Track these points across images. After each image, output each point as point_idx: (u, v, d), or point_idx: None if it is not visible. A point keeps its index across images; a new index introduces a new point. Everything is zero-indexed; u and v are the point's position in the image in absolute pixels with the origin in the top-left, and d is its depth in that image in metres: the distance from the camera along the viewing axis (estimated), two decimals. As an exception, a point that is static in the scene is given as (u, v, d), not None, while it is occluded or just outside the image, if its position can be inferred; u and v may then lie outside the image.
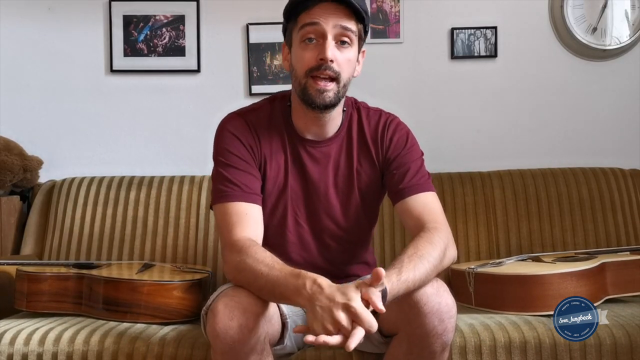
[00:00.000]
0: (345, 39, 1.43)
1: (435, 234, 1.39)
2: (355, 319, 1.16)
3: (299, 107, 1.51)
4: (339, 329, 1.16)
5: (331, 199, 1.56)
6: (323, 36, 1.42)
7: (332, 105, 1.46)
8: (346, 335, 1.16)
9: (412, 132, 1.60)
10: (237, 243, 1.36)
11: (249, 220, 1.42)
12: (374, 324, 1.16)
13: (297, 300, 1.24)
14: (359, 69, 1.53)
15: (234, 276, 1.36)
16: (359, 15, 1.44)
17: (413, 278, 1.27)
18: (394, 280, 1.24)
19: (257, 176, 1.50)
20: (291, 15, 1.46)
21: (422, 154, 1.58)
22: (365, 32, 1.50)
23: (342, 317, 1.16)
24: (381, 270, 1.19)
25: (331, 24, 1.41)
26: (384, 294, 1.20)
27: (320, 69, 1.41)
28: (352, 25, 1.43)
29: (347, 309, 1.16)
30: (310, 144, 1.54)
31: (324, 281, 1.22)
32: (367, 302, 1.19)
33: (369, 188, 1.57)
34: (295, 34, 1.46)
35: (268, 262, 1.29)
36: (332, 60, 1.41)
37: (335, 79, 1.43)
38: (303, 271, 1.25)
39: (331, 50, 1.41)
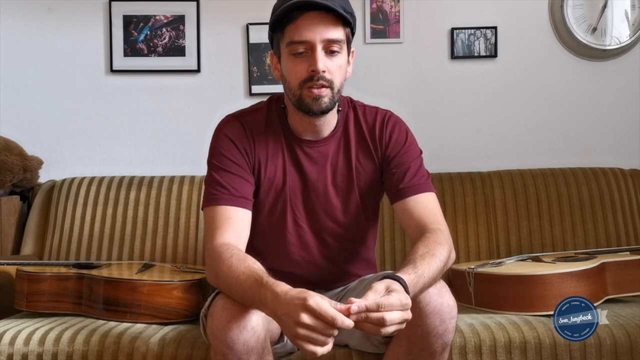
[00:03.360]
0: (334, 47, 1.43)
1: (441, 235, 1.39)
2: (315, 315, 1.10)
3: (294, 112, 1.51)
4: (309, 329, 1.10)
5: (330, 197, 1.56)
6: (312, 48, 1.41)
7: (328, 111, 1.47)
8: (328, 334, 1.11)
9: (410, 129, 1.60)
10: (214, 249, 1.36)
11: (232, 224, 1.42)
12: (337, 317, 1.10)
13: (263, 311, 1.22)
14: (350, 69, 1.52)
15: (214, 282, 1.36)
16: (344, 20, 1.43)
17: (429, 274, 1.26)
18: (411, 272, 1.23)
19: (250, 180, 1.50)
20: (276, 27, 1.45)
21: (421, 152, 1.58)
22: (353, 33, 1.49)
23: (305, 317, 1.10)
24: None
25: (318, 37, 1.40)
26: (404, 286, 1.19)
27: (313, 79, 1.42)
28: (339, 34, 1.43)
29: (306, 308, 1.10)
30: (307, 144, 1.54)
31: (282, 288, 1.17)
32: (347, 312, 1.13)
33: (368, 185, 1.57)
34: (283, 47, 1.45)
35: (237, 269, 1.27)
36: (323, 71, 1.41)
37: (329, 86, 1.43)
38: (265, 279, 1.21)
39: (321, 61, 1.41)
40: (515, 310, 1.73)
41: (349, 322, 1.10)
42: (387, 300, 1.12)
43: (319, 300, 1.11)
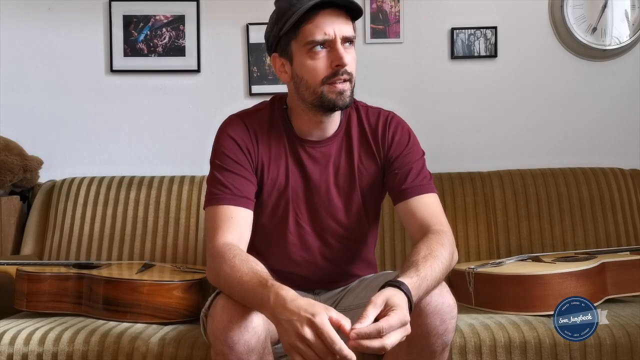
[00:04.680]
0: (350, 41, 1.45)
1: (444, 236, 1.39)
2: (317, 334, 1.09)
3: (302, 112, 1.51)
4: (307, 345, 1.10)
5: (333, 198, 1.56)
6: (332, 44, 1.43)
7: (350, 104, 1.48)
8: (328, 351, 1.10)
9: (412, 130, 1.60)
10: (215, 248, 1.36)
11: (234, 224, 1.42)
12: (337, 343, 1.08)
13: (263, 313, 1.22)
14: None
15: (215, 282, 1.36)
16: (353, 15, 1.46)
17: (431, 276, 1.26)
18: (413, 276, 1.23)
19: (252, 180, 1.50)
20: (289, 28, 1.45)
21: (424, 153, 1.58)
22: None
23: (308, 332, 1.09)
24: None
25: (338, 32, 1.42)
26: (406, 290, 1.19)
27: (337, 74, 1.43)
28: (352, 30, 1.46)
29: (311, 324, 1.10)
30: (310, 144, 1.55)
31: (288, 293, 1.16)
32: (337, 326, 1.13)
33: (370, 185, 1.57)
34: (298, 45, 1.45)
35: (239, 269, 1.27)
36: (347, 64, 1.43)
37: (349, 79, 1.45)
38: (270, 281, 1.21)
39: (345, 55, 1.42)
40: (515, 310, 1.73)
41: (347, 352, 1.10)
42: (387, 323, 1.12)
43: (325, 320, 1.10)
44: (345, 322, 1.12)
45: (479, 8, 2.53)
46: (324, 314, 1.11)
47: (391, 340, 1.12)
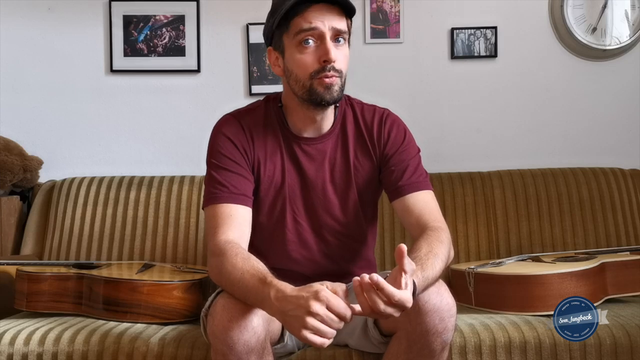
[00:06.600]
0: (341, 37, 1.45)
1: (442, 233, 1.41)
2: (327, 306, 1.13)
3: (296, 107, 1.52)
4: (319, 319, 1.13)
5: (329, 195, 1.56)
6: (321, 38, 1.43)
7: (339, 100, 1.47)
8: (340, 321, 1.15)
9: (408, 127, 1.61)
10: (216, 246, 1.37)
11: (233, 222, 1.42)
12: (347, 312, 1.14)
13: (265, 309, 1.23)
14: None
15: (217, 280, 1.37)
16: (347, 12, 1.46)
17: (432, 276, 1.28)
18: (419, 275, 1.24)
19: (249, 178, 1.50)
20: (280, 20, 1.46)
21: (419, 150, 1.59)
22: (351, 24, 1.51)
23: (317, 306, 1.13)
24: (403, 247, 1.15)
25: (327, 25, 1.42)
26: (414, 288, 1.20)
27: (325, 70, 1.43)
28: (344, 25, 1.45)
29: (317, 298, 1.13)
30: (305, 141, 1.55)
31: (287, 288, 1.19)
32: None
33: (366, 182, 1.58)
34: (289, 39, 1.46)
35: (241, 267, 1.28)
36: (334, 60, 1.42)
37: (338, 75, 1.45)
38: (270, 278, 1.23)
39: (333, 50, 1.42)
40: (515, 310, 1.74)
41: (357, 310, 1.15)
42: (401, 296, 1.14)
43: (328, 292, 1.14)
44: (340, 289, 1.16)
45: (479, 8, 2.53)
46: (325, 288, 1.15)
47: (389, 310, 1.15)
